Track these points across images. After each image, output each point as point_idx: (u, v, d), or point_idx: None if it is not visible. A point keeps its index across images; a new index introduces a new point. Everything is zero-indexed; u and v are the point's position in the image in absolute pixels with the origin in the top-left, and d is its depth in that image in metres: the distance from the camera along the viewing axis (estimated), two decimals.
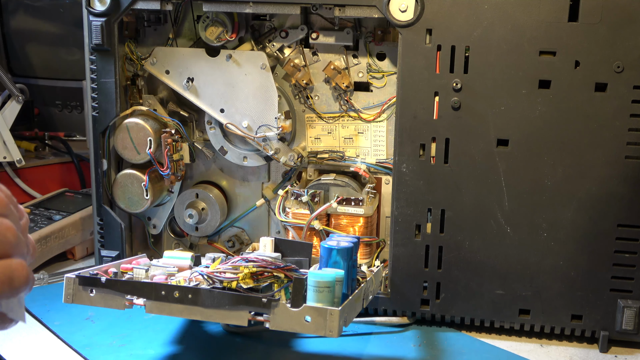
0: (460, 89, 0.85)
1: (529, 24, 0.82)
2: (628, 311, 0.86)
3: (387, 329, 0.93)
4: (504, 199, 0.87)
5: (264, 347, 0.87)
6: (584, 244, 0.86)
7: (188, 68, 0.97)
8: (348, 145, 0.99)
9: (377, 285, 0.90)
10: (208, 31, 0.95)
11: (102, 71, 0.96)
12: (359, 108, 0.97)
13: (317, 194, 0.94)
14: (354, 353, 0.86)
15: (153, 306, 0.73)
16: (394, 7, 0.86)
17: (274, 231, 1.05)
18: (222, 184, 1.05)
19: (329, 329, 0.68)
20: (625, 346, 0.89)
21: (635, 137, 0.83)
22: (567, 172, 0.85)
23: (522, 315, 0.90)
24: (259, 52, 0.96)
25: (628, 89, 0.82)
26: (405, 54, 0.86)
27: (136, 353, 0.84)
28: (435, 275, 0.91)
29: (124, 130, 0.97)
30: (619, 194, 0.84)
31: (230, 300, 0.71)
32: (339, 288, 0.73)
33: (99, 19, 0.93)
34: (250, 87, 0.96)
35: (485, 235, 0.88)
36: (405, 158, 0.88)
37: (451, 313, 0.92)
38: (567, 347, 0.90)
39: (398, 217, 0.90)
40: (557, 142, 0.84)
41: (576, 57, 0.82)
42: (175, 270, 0.84)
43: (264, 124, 0.96)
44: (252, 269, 0.74)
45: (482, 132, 0.86)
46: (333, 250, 0.78)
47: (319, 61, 0.98)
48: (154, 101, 1.00)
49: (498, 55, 0.84)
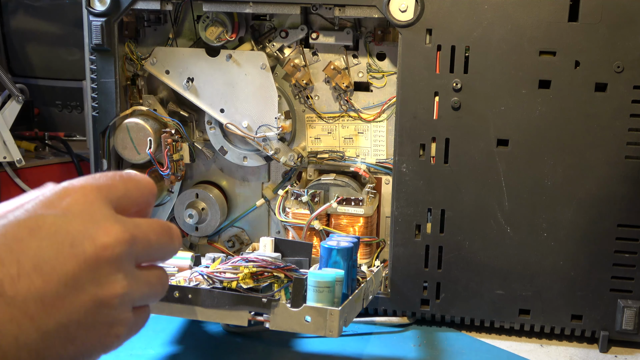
0: (460, 89, 0.85)
1: (529, 24, 0.82)
2: (628, 311, 0.86)
3: (387, 329, 0.93)
4: (504, 199, 0.87)
5: (264, 347, 0.87)
6: (584, 244, 0.86)
7: (188, 68, 0.97)
8: (348, 145, 0.99)
9: (377, 285, 0.90)
10: (208, 31, 0.95)
11: (102, 71, 0.96)
12: (359, 108, 0.97)
13: (317, 194, 0.94)
14: (354, 353, 0.86)
15: (153, 306, 0.73)
16: (394, 7, 0.86)
17: (274, 231, 1.05)
18: (222, 184, 1.05)
19: (329, 329, 0.68)
20: (625, 346, 0.89)
21: (635, 137, 0.83)
22: (567, 172, 0.85)
23: (522, 315, 0.90)
24: (259, 52, 0.96)
25: (628, 89, 0.82)
26: (405, 54, 0.86)
27: (136, 353, 0.84)
28: (435, 275, 0.91)
29: (124, 130, 0.97)
30: (619, 194, 0.84)
31: (230, 300, 0.71)
32: (339, 288, 0.73)
33: (99, 19, 0.93)
34: (250, 87, 0.96)
35: (485, 235, 0.88)
36: (405, 158, 0.88)
37: (451, 313, 0.92)
38: (567, 347, 0.90)
39: (398, 217, 0.90)
40: (557, 142, 0.84)
41: (576, 57, 0.82)
42: (175, 270, 0.84)
43: (264, 124, 0.96)
44: (252, 269, 0.74)
45: (482, 132, 0.86)
46: (333, 250, 0.78)
47: (319, 61, 0.97)
48: (154, 101, 1.00)
49: (498, 55, 0.84)
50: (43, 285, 0.33)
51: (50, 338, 0.33)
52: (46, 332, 0.33)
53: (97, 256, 0.34)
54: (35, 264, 0.33)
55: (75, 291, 0.34)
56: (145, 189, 0.40)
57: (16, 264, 0.32)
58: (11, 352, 0.32)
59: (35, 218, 0.34)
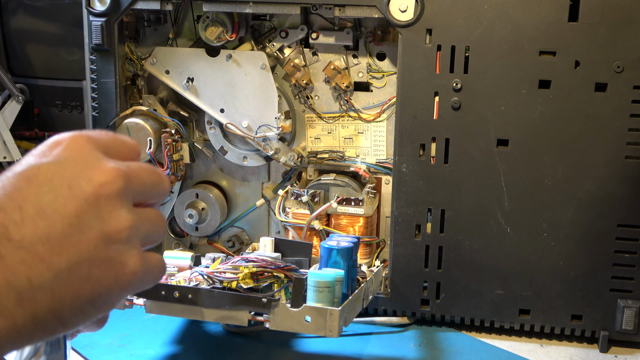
0: (460, 89, 0.85)
1: (529, 24, 0.82)
2: (628, 311, 0.86)
3: (387, 329, 0.93)
4: (504, 199, 0.87)
5: (264, 347, 0.87)
6: (584, 244, 0.86)
7: (188, 68, 0.97)
8: (348, 145, 0.99)
9: (377, 285, 0.90)
10: (208, 31, 0.95)
11: (102, 71, 0.96)
12: (359, 108, 0.97)
13: (317, 194, 0.94)
14: (354, 353, 0.86)
15: (153, 306, 0.73)
16: (394, 7, 0.86)
17: (274, 231, 1.05)
18: (222, 184, 1.05)
19: (329, 329, 0.68)
20: (625, 346, 0.89)
21: (635, 137, 0.83)
22: (567, 172, 0.85)
23: (522, 315, 0.90)
24: (259, 52, 0.96)
25: (628, 89, 0.82)
26: (405, 54, 0.86)
27: (136, 353, 0.84)
28: (435, 275, 0.91)
29: (124, 130, 0.97)
30: (619, 194, 0.84)
31: (230, 300, 0.71)
32: (339, 288, 0.73)
33: (99, 19, 0.93)
34: (250, 87, 0.96)
35: (485, 235, 0.88)
36: (405, 158, 0.88)
37: (451, 313, 0.92)
38: (567, 347, 0.90)
39: (398, 217, 0.90)
40: (557, 142, 0.84)
41: (576, 57, 0.82)
42: (175, 270, 0.84)
43: (264, 124, 0.96)
44: (252, 269, 0.74)
45: (482, 132, 0.86)
46: (333, 250, 0.78)
47: (319, 61, 0.97)
48: (154, 101, 1.00)
49: (498, 55, 0.84)
50: (47, 227, 0.33)
51: (63, 277, 0.34)
52: (59, 272, 0.33)
53: (96, 194, 0.35)
54: (37, 208, 0.34)
55: (81, 230, 0.34)
56: (130, 145, 0.41)
57: (19, 210, 0.33)
58: (26, 293, 0.32)
59: (30, 168, 0.35)
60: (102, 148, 0.38)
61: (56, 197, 0.34)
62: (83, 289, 0.34)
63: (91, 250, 0.35)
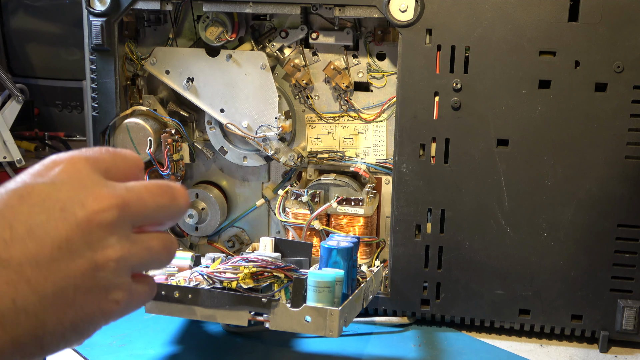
0: (460, 89, 0.85)
1: (529, 24, 0.82)
2: (628, 311, 0.86)
3: (387, 329, 0.93)
4: (504, 199, 0.87)
5: (264, 347, 0.87)
6: (584, 244, 0.86)
7: (188, 68, 0.97)
8: (348, 145, 0.99)
9: (377, 285, 0.90)
10: (208, 31, 0.95)
11: (102, 71, 0.96)
12: (359, 108, 0.97)
13: (317, 194, 0.94)
14: (354, 353, 0.86)
15: (153, 306, 0.73)
16: (394, 7, 0.86)
17: (274, 231, 1.05)
18: (222, 184, 1.05)
19: (329, 329, 0.68)
20: (625, 346, 0.89)
21: (635, 137, 0.83)
22: (567, 172, 0.85)
23: (522, 315, 0.90)
24: (259, 52, 0.96)
25: (628, 89, 0.82)
26: (405, 54, 0.86)
27: (136, 353, 0.84)
28: (435, 275, 0.91)
29: (124, 130, 0.97)
30: (619, 194, 0.84)
31: (230, 300, 0.71)
32: (339, 288, 0.73)
33: (99, 19, 0.93)
34: (250, 87, 0.96)
35: (485, 235, 0.88)
36: (405, 158, 0.88)
37: (451, 313, 0.92)
38: (567, 347, 0.90)
39: (398, 217, 0.90)
40: (557, 142, 0.84)
41: (576, 57, 0.82)
42: (175, 270, 0.84)
43: (264, 124, 0.96)
44: (252, 269, 0.74)
45: (482, 132, 0.86)
46: (333, 250, 0.78)
47: (319, 61, 0.97)
48: (154, 101, 1.00)
49: (498, 55, 0.84)
50: (37, 249, 0.33)
51: (48, 301, 0.33)
52: (44, 296, 0.33)
53: (88, 220, 0.35)
54: (28, 228, 0.33)
55: (70, 254, 0.34)
56: (132, 161, 0.41)
57: (9, 228, 0.33)
58: (9, 315, 0.32)
59: (25, 186, 0.35)
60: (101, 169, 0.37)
61: (48, 219, 0.34)
62: (66, 314, 0.34)
63: (78, 277, 0.34)
